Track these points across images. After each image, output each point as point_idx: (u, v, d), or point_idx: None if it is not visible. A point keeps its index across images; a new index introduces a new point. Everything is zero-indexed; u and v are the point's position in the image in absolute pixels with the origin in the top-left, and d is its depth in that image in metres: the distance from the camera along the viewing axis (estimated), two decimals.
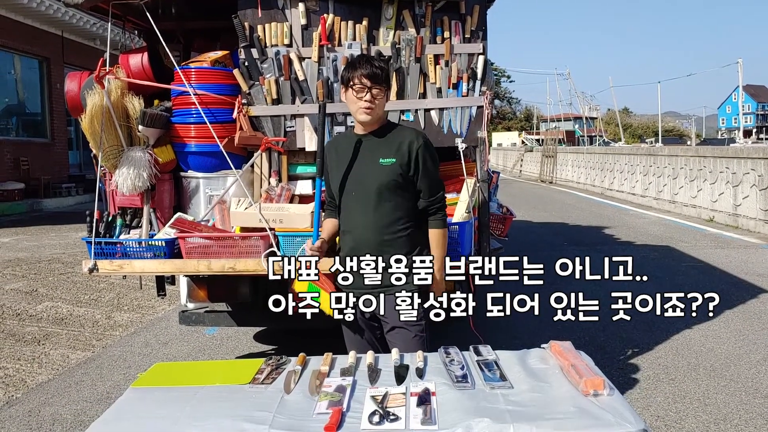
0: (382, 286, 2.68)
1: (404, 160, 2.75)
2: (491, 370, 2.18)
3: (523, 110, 76.21)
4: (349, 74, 2.75)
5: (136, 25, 4.62)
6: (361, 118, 2.77)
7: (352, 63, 2.82)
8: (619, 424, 1.77)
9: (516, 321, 5.89)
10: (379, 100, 2.75)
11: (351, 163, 2.83)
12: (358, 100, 2.72)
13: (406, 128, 2.96)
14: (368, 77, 2.70)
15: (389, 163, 2.75)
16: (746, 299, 6.55)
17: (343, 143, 2.91)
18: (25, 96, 17.03)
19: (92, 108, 3.67)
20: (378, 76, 2.72)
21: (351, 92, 2.75)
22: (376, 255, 2.66)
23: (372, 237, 2.77)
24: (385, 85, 2.78)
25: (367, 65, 2.73)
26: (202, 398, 2.07)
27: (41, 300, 6.67)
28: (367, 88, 2.71)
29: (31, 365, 4.88)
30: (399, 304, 2.65)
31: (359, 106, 2.73)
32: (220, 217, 3.81)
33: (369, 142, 2.82)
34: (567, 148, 30.31)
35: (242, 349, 5.27)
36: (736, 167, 12.30)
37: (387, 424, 1.83)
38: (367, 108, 2.73)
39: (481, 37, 3.79)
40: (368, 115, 2.75)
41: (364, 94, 2.71)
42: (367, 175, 2.78)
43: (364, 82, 2.70)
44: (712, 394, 4.19)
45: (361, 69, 2.72)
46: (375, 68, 2.73)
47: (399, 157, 2.75)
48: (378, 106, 2.76)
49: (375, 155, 2.78)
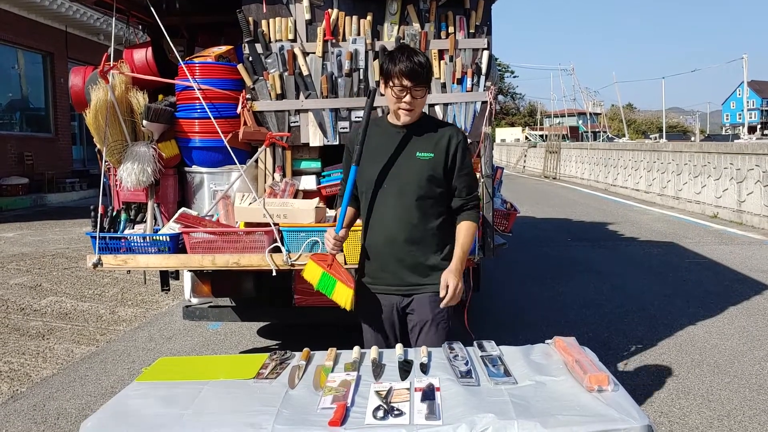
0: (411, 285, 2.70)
1: (442, 156, 2.64)
2: (495, 366, 2.18)
3: (527, 106, 76.08)
4: (389, 69, 2.57)
5: (140, 20, 4.62)
6: (402, 119, 2.65)
7: (391, 55, 2.60)
8: (623, 420, 1.77)
9: (520, 317, 5.91)
10: (420, 99, 2.60)
11: (384, 155, 2.67)
12: (398, 100, 2.58)
13: (445, 123, 2.83)
14: (408, 77, 2.53)
15: (427, 157, 2.63)
16: (750, 296, 6.54)
17: (376, 133, 2.73)
18: (28, 91, 17.05)
19: (97, 103, 3.67)
20: (419, 74, 2.55)
21: (390, 91, 2.60)
22: (404, 250, 2.67)
23: (401, 232, 2.66)
24: (427, 82, 2.61)
25: (407, 61, 2.53)
26: (207, 393, 2.07)
27: (45, 295, 6.69)
28: (407, 89, 2.55)
29: (35, 360, 4.90)
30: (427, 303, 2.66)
31: (399, 107, 2.60)
32: (224, 212, 3.81)
33: (405, 135, 2.67)
34: (571, 144, 30.25)
35: (246, 344, 5.28)
36: (741, 163, 12.26)
37: (391, 418, 1.83)
38: (407, 110, 2.60)
39: (485, 32, 3.77)
40: (408, 116, 2.63)
41: (404, 94, 2.56)
42: (402, 169, 2.64)
43: (404, 83, 2.54)
44: (715, 390, 4.19)
45: (400, 64, 2.53)
46: (416, 64, 2.53)
47: (437, 152, 2.64)
48: (419, 105, 2.63)
49: (412, 149, 2.65)
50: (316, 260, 2.81)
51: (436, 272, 2.66)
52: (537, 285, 7.11)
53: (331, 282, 2.72)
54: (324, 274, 2.74)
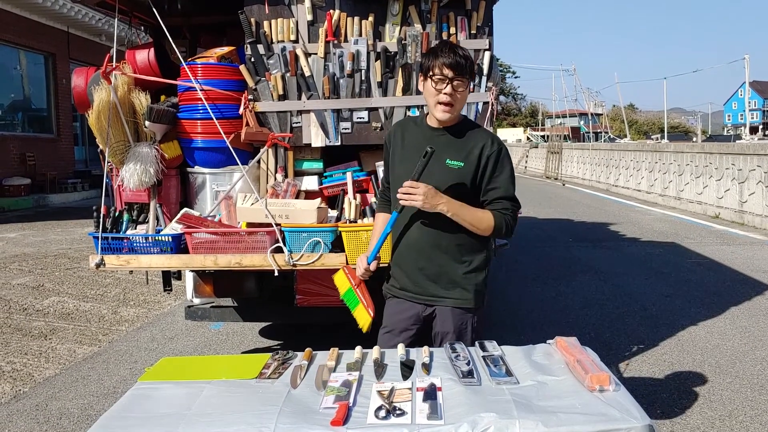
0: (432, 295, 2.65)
1: (473, 167, 2.53)
2: (497, 366, 2.18)
3: (528, 106, 76.12)
4: (430, 62, 2.51)
5: (142, 20, 4.63)
6: (439, 116, 2.54)
7: (433, 50, 2.55)
8: (624, 420, 1.78)
9: (521, 317, 5.92)
10: (460, 94, 2.51)
11: (417, 156, 2.55)
12: (438, 92, 2.49)
13: (482, 130, 2.67)
14: (450, 67, 2.46)
15: (456, 166, 2.53)
16: (752, 296, 6.54)
17: (413, 132, 2.67)
18: (30, 91, 17.08)
19: (99, 104, 3.68)
20: (462, 67, 2.48)
21: (430, 83, 2.51)
22: (427, 258, 2.62)
23: (427, 241, 2.60)
24: (469, 78, 2.54)
25: (450, 53, 2.47)
26: (210, 393, 2.08)
27: (48, 295, 6.70)
28: (448, 79, 2.47)
29: (38, 360, 4.91)
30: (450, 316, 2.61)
31: (438, 100, 2.50)
32: (226, 212, 3.82)
33: (440, 139, 2.57)
34: (572, 145, 30.24)
35: (248, 344, 5.29)
36: (742, 164, 12.26)
37: (393, 418, 1.84)
38: (447, 103, 2.50)
39: (487, 33, 3.78)
40: (447, 113, 2.52)
41: (444, 85, 2.48)
42: (430, 175, 2.52)
43: (445, 72, 2.46)
44: (717, 390, 4.19)
45: (442, 57, 2.47)
46: (459, 57, 2.48)
47: (468, 162, 2.53)
48: (459, 102, 2.53)
49: (443, 154, 2.54)
50: (347, 272, 2.84)
51: (458, 287, 2.62)
52: (539, 285, 7.11)
53: (355, 300, 2.76)
54: (350, 289, 2.78)
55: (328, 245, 3.46)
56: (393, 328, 2.73)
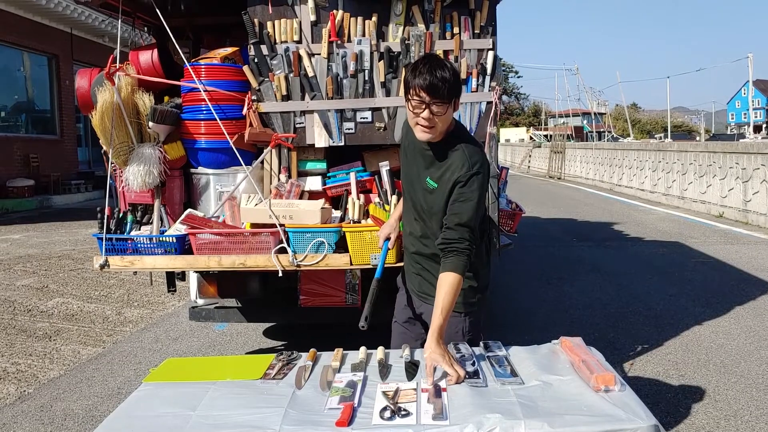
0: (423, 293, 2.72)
1: (444, 190, 2.43)
2: (502, 366, 2.18)
3: (531, 106, 76.04)
4: (408, 82, 2.34)
5: (146, 21, 4.64)
6: (419, 136, 2.41)
7: (413, 66, 2.35)
8: (630, 420, 1.77)
9: (526, 317, 5.91)
10: (440, 117, 2.33)
11: (411, 164, 2.59)
12: (415, 116, 2.35)
13: (461, 152, 2.43)
14: (427, 90, 2.27)
15: (432, 187, 2.47)
16: (756, 295, 6.52)
17: (413, 139, 2.55)
18: (34, 93, 17.11)
19: (103, 105, 3.68)
20: (439, 89, 2.27)
21: (408, 103, 2.37)
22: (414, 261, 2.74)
23: (412, 243, 2.70)
24: (449, 99, 2.33)
25: (427, 74, 2.27)
26: (215, 393, 2.08)
27: (52, 296, 6.71)
28: (425, 104, 2.30)
29: (42, 361, 4.92)
30: None
31: (416, 122, 2.37)
32: (230, 213, 3.82)
33: (427, 153, 2.50)
34: (575, 144, 30.20)
35: (252, 344, 5.29)
36: (746, 163, 12.22)
37: (398, 419, 1.84)
38: (425, 127, 2.36)
39: (490, 33, 3.77)
40: (427, 135, 2.38)
41: (421, 110, 2.32)
42: (414, 187, 2.57)
43: (422, 96, 2.29)
44: (722, 390, 4.18)
45: (419, 78, 2.28)
46: (436, 78, 2.26)
47: (441, 184, 2.45)
48: (440, 123, 2.36)
49: (425, 171, 2.51)
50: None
51: None
52: (542, 285, 7.10)
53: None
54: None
55: (331, 246, 3.46)
56: (399, 320, 2.88)
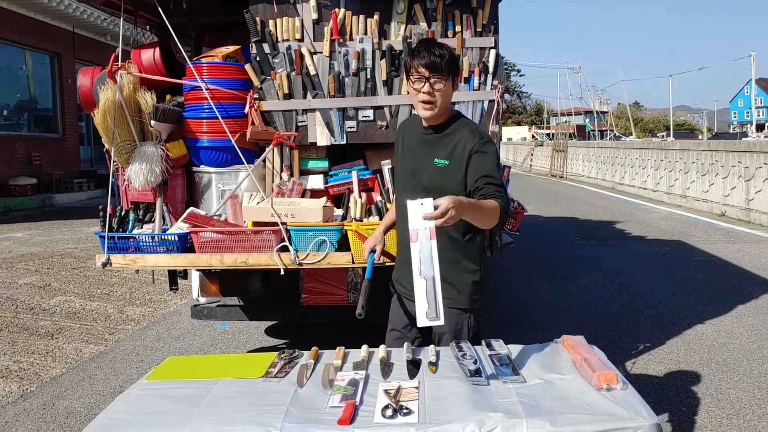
0: None
1: (457, 163, 2.49)
2: (504, 365, 2.18)
3: (533, 104, 75.97)
4: (408, 63, 2.52)
5: (148, 20, 4.64)
6: (421, 113, 2.55)
7: (412, 50, 2.54)
8: (632, 419, 1.77)
9: (528, 315, 5.90)
10: (440, 91, 2.48)
11: (411, 157, 2.63)
12: (417, 92, 2.49)
13: (466, 126, 2.60)
14: (426, 66, 2.45)
15: (442, 165, 2.52)
16: (758, 294, 6.51)
17: (411, 130, 2.69)
18: (36, 91, 17.14)
19: (105, 103, 3.69)
20: (437, 65, 2.44)
21: (409, 83, 2.52)
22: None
23: None
24: (448, 74, 2.49)
25: (425, 53, 2.45)
26: (217, 392, 2.08)
27: (54, 294, 6.72)
28: (425, 78, 2.46)
29: (44, 359, 4.93)
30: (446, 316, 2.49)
31: (418, 99, 2.51)
32: (232, 211, 3.82)
33: (430, 137, 2.59)
34: (577, 143, 30.17)
35: (254, 343, 5.29)
36: (749, 161, 12.20)
37: (400, 417, 1.84)
38: (427, 102, 2.49)
39: (492, 31, 3.77)
40: (428, 111, 2.51)
41: (422, 84, 2.47)
42: (420, 173, 2.58)
43: (421, 71, 2.45)
44: (724, 389, 4.17)
45: (418, 58, 2.47)
46: (435, 56, 2.45)
47: (453, 159, 2.51)
48: (441, 99, 2.49)
49: (432, 153, 2.56)
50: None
51: (450, 287, 2.56)
52: (544, 284, 7.10)
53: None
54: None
55: (333, 244, 3.46)
56: (395, 327, 2.79)
